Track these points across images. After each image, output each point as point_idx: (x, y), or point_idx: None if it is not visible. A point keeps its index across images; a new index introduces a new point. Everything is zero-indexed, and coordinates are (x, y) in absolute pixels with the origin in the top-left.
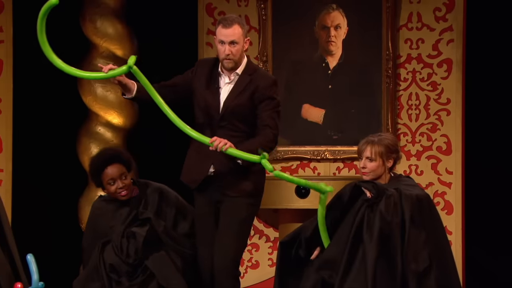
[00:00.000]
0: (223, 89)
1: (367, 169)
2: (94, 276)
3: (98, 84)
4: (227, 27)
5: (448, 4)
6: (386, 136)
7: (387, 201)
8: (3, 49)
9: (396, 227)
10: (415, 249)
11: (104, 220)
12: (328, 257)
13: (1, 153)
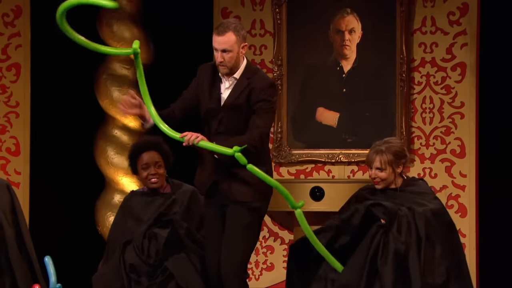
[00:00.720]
0: (224, 94)
1: (378, 178)
2: (114, 275)
3: (114, 87)
4: (220, 34)
5: (462, 8)
6: (393, 142)
7: (400, 221)
8: (21, 53)
9: (412, 246)
10: (432, 264)
11: (133, 212)
12: (344, 282)
13: (19, 156)
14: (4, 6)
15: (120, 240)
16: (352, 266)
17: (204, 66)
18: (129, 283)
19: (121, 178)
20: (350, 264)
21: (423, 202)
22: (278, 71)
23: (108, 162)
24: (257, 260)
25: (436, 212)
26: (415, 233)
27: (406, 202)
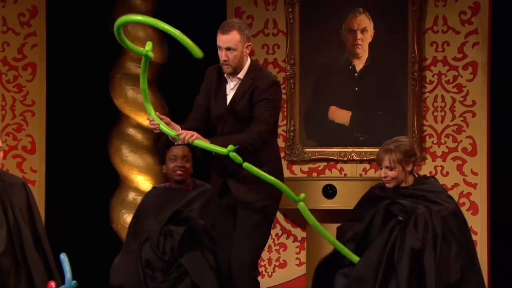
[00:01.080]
0: (229, 96)
1: (388, 177)
2: (131, 269)
3: (129, 86)
4: (224, 33)
5: (474, 8)
6: (402, 141)
7: (417, 218)
8: (37, 53)
9: (428, 243)
10: (447, 262)
11: (152, 208)
12: (359, 274)
13: (35, 154)
14: (20, 6)
15: (137, 235)
16: (368, 259)
17: (211, 68)
18: (145, 278)
19: (136, 176)
20: (365, 257)
21: (438, 200)
22: (291, 70)
23: (123, 160)
24: (270, 257)
25: (452, 211)
26: (431, 230)
27: (421, 200)
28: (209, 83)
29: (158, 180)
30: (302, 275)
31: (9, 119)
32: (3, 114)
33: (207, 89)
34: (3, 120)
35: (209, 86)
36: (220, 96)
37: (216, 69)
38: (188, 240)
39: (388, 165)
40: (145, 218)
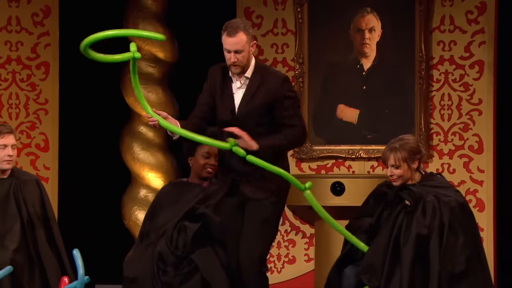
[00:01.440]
0: (236, 95)
1: (394, 176)
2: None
3: (140, 85)
4: (231, 35)
5: (480, 7)
6: (408, 139)
7: (425, 205)
8: (50, 52)
9: (434, 230)
10: (453, 252)
11: (168, 199)
12: (368, 262)
13: (48, 152)
14: (33, 6)
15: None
16: (376, 247)
17: (214, 68)
18: (158, 271)
19: (147, 173)
20: (374, 245)
21: (447, 193)
22: (299, 69)
23: (134, 157)
24: (279, 253)
25: (460, 203)
26: (439, 219)
27: (430, 192)
28: (212, 82)
29: (169, 177)
30: (310, 271)
31: (23, 117)
32: (17, 112)
33: (211, 88)
34: (17, 118)
35: (213, 85)
36: (226, 95)
37: (220, 69)
38: (201, 237)
39: (394, 163)
40: (160, 212)
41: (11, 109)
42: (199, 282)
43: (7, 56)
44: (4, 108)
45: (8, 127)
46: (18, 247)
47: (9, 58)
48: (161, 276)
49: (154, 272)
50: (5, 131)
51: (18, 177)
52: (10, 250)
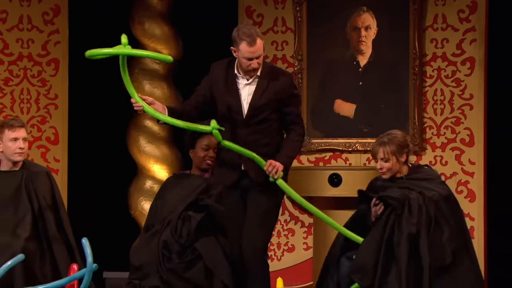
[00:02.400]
0: (243, 90)
1: (384, 169)
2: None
3: (146, 81)
4: (253, 44)
5: (471, 6)
6: (396, 134)
7: (411, 204)
8: (60, 50)
9: (422, 226)
10: (440, 246)
11: (173, 190)
12: (360, 261)
13: (58, 145)
14: (44, 5)
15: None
16: (368, 246)
17: (217, 64)
18: (163, 258)
19: (152, 165)
20: (365, 244)
21: (431, 187)
22: (298, 65)
23: (140, 150)
24: (279, 242)
25: (444, 196)
26: (425, 215)
27: (415, 187)
28: (215, 78)
29: (173, 169)
30: (309, 259)
31: (34, 111)
32: (28, 107)
33: (213, 82)
34: (28, 112)
35: (215, 80)
36: (232, 90)
37: (223, 65)
38: (205, 227)
39: (383, 157)
40: (165, 203)
41: (22, 104)
42: (202, 270)
43: (18, 53)
44: (16, 103)
45: (20, 121)
46: (29, 235)
47: (21, 55)
48: (166, 264)
49: (159, 259)
50: (17, 125)
51: (29, 169)
52: (22, 238)
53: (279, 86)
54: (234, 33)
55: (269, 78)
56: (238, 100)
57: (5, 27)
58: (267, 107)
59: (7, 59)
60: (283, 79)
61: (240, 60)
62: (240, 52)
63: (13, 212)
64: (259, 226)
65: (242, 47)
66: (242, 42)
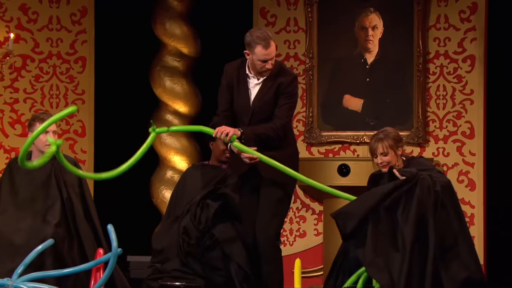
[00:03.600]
0: (253, 90)
1: (384, 162)
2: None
3: (167, 77)
4: (268, 47)
5: (472, 7)
6: (389, 130)
7: (422, 183)
8: (87, 48)
9: (429, 207)
10: (443, 228)
11: (192, 180)
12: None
13: (85, 137)
14: (72, 7)
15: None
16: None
17: (230, 66)
18: (182, 243)
19: (173, 156)
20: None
21: (431, 174)
22: (309, 63)
23: (162, 142)
24: (291, 228)
25: (446, 182)
26: (433, 196)
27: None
28: (230, 78)
29: (192, 160)
30: (319, 244)
31: (62, 106)
32: (57, 102)
33: (229, 83)
34: (57, 107)
35: (230, 80)
36: (243, 90)
37: (235, 66)
38: (222, 214)
39: (382, 151)
40: (184, 191)
41: (52, 99)
42: (220, 253)
43: (48, 52)
44: (46, 98)
45: (49, 115)
46: (58, 222)
47: (50, 53)
48: (185, 248)
49: (179, 244)
50: (47, 119)
51: None
52: (52, 224)
53: (280, 84)
54: (248, 37)
55: (274, 79)
56: (247, 98)
57: (35, 27)
58: (268, 105)
59: (38, 57)
60: (285, 79)
61: (255, 62)
62: (255, 55)
63: (43, 200)
64: (272, 214)
65: (258, 50)
66: (257, 45)
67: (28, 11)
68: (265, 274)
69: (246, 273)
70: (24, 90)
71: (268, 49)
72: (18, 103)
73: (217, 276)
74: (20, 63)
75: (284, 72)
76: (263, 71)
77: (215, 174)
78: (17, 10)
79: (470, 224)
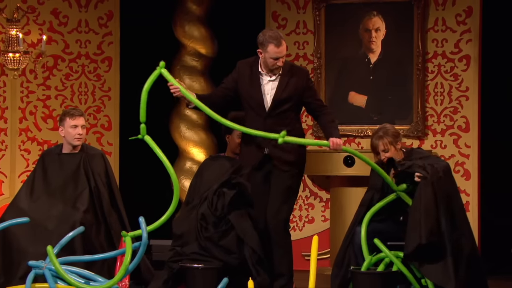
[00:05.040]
0: (266, 86)
1: (385, 158)
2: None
3: (186, 76)
4: (280, 46)
5: (467, 11)
6: (387, 127)
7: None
8: (113, 49)
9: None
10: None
11: (209, 170)
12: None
13: (111, 131)
14: (99, 11)
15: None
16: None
17: (242, 63)
18: (201, 228)
19: (191, 148)
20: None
21: (432, 162)
22: (317, 62)
23: (181, 136)
24: (301, 214)
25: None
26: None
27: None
28: (241, 74)
29: (209, 152)
30: (326, 229)
31: (90, 102)
32: (85, 98)
33: (239, 78)
34: (85, 103)
35: (241, 77)
36: (256, 86)
37: (248, 64)
38: (237, 202)
39: (383, 148)
40: (202, 181)
41: (81, 96)
42: (235, 238)
43: (77, 52)
44: (75, 95)
45: (79, 111)
46: (87, 208)
47: (79, 54)
48: (203, 233)
49: (197, 229)
50: (76, 114)
51: (87, 152)
52: (80, 210)
53: (297, 81)
54: (261, 37)
55: (289, 75)
56: (261, 94)
57: (66, 30)
58: (288, 100)
59: (68, 57)
60: (301, 74)
61: (267, 60)
62: (268, 53)
63: (73, 188)
64: (282, 202)
65: (270, 49)
66: (269, 44)
67: (59, 15)
68: (276, 256)
69: (259, 256)
70: (56, 87)
71: (280, 48)
72: (50, 99)
73: (232, 259)
74: (52, 62)
75: (296, 68)
76: (275, 68)
77: (230, 165)
78: (49, 14)
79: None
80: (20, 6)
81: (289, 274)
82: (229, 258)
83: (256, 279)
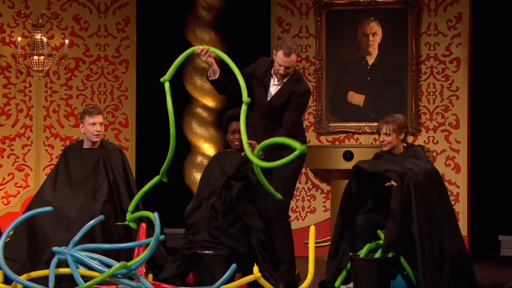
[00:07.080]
0: (271, 88)
1: (385, 141)
2: (201, 212)
3: (197, 77)
4: (287, 56)
5: (458, 17)
6: (398, 116)
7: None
8: (129, 52)
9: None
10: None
11: (218, 165)
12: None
13: (128, 128)
14: (117, 17)
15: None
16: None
17: (263, 60)
18: (211, 218)
19: (202, 144)
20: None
21: (418, 163)
22: (319, 64)
23: (193, 132)
24: (303, 205)
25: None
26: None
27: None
28: (258, 69)
29: (219, 147)
30: (327, 219)
31: (109, 101)
32: (104, 97)
33: (255, 71)
34: (104, 102)
35: (258, 71)
36: (262, 85)
37: (267, 62)
38: (244, 193)
39: (386, 132)
40: (212, 174)
41: (100, 95)
42: (242, 227)
43: (97, 55)
44: (95, 94)
45: (98, 109)
46: (106, 199)
47: (99, 56)
48: (213, 222)
49: (208, 219)
50: (95, 112)
51: (106, 147)
52: (100, 201)
53: (293, 92)
54: (279, 41)
55: (291, 86)
56: (265, 95)
57: (86, 34)
58: (281, 107)
59: (88, 60)
60: (299, 88)
61: (275, 62)
62: (276, 56)
63: (93, 181)
64: (281, 193)
65: (279, 54)
66: (280, 50)
67: (80, 20)
68: (277, 244)
69: (265, 243)
70: (77, 87)
71: (287, 58)
72: (72, 98)
73: (240, 246)
74: (73, 65)
75: (301, 83)
76: (277, 73)
77: (237, 159)
78: (71, 20)
79: (455, 202)
80: (45, 13)
81: (290, 260)
82: (237, 246)
83: (261, 265)
